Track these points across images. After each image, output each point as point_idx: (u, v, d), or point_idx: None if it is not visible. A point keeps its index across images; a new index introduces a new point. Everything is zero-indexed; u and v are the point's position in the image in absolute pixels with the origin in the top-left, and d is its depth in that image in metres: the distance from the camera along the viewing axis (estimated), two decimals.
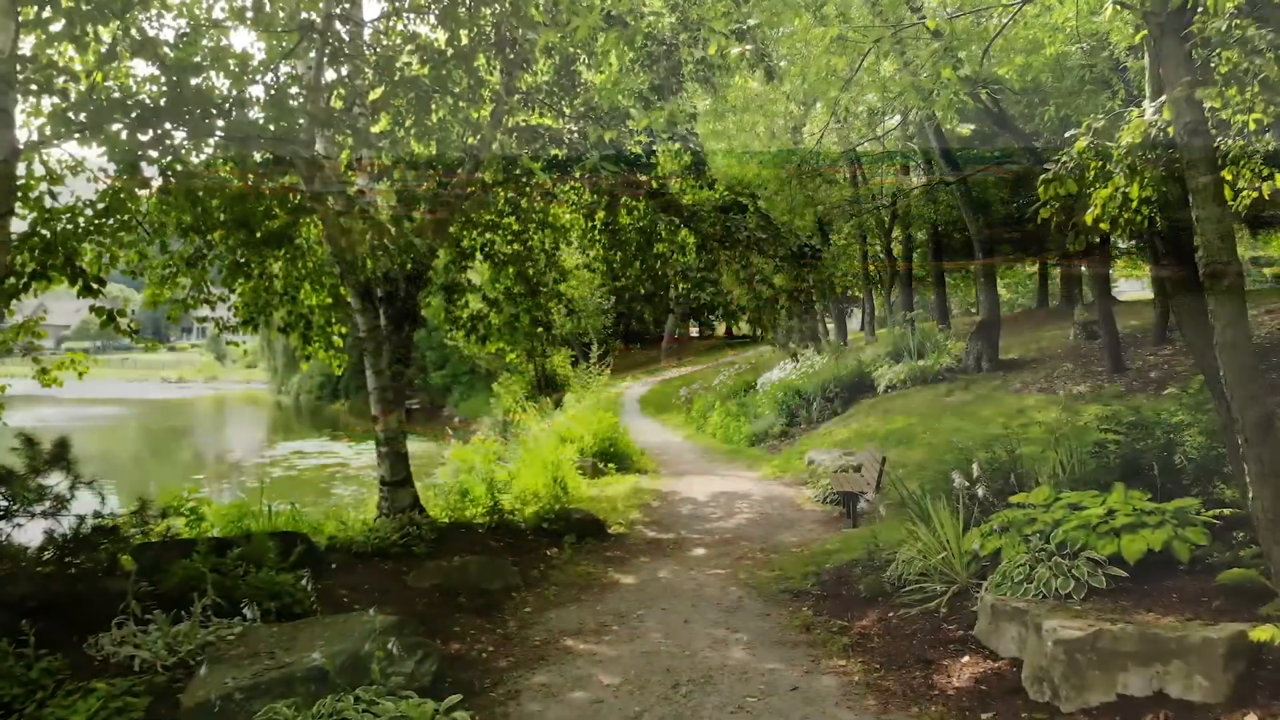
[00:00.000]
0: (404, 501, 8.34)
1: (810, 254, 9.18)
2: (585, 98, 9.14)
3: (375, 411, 8.31)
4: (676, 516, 10.13)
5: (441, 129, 9.20)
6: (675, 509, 10.62)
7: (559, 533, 8.60)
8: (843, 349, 20.39)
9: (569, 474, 11.61)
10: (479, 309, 10.95)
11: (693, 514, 10.28)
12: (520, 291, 11.02)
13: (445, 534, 8.01)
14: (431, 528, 7.92)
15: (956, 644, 5.19)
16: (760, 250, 9.09)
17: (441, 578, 6.76)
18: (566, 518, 8.76)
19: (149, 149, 5.96)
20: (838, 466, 11.42)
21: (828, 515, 10.06)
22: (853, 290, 25.39)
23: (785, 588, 6.87)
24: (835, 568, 7.28)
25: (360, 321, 8.21)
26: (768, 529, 9.33)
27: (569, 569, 7.60)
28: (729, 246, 9.11)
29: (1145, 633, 4.24)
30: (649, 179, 9.12)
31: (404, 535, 7.74)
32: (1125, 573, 5.14)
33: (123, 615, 5.22)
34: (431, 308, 11.33)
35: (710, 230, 8.85)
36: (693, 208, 9.00)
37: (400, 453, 8.35)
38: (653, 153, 8.75)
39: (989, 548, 5.89)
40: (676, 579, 7.30)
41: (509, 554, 7.86)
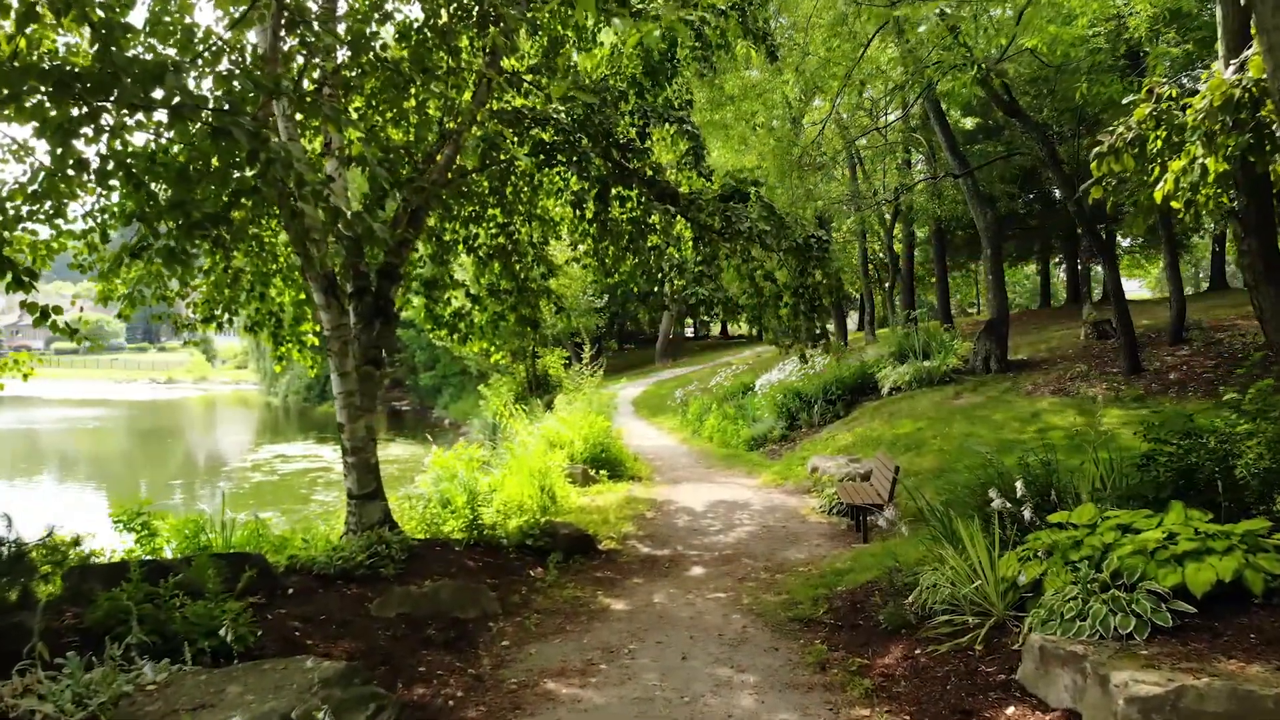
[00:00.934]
0: (373, 517, 7.60)
1: (817, 246, 8.47)
2: (573, 79, 8.42)
3: (341, 418, 7.57)
4: (672, 529, 9.41)
5: (419, 112, 8.48)
6: (671, 520, 9.90)
7: (544, 550, 7.87)
8: (843, 349, 19.70)
9: (557, 483, 10.88)
10: (462, 306, 10.22)
11: (690, 526, 9.56)
12: (506, 287, 10.31)
13: (418, 553, 7.27)
14: (403, 546, 7.18)
15: (998, 690, 4.48)
16: (762, 243, 8.37)
17: (409, 605, 6.03)
18: (553, 533, 8.03)
19: (83, 125, 5.23)
20: (844, 475, 10.72)
21: (835, 528, 9.36)
22: (852, 289, 24.69)
23: (794, 615, 6.15)
24: (849, 591, 6.57)
25: (324, 318, 7.47)
26: (771, 544, 8.62)
27: (554, 593, 6.87)
28: (729, 239, 8.39)
29: (1237, 689, 3.53)
30: (642, 165, 8.39)
31: (371, 555, 7.00)
32: (1193, 608, 4.44)
33: (28, 659, 4.48)
34: (415, 306, 10.57)
35: (708, 220, 8.14)
36: (690, 196, 8.28)
37: (369, 463, 7.61)
38: (647, 135, 8.01)
39: (1030, 575, 5.18)
40: (673, 604, 6.58)
41: (487, 575, 7.12)
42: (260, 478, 21.12)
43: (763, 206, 8.27)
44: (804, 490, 11.63)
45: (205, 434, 33.64)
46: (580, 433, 13.07)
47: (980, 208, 16.01)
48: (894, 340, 17.22)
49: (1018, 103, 13.78)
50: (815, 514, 10.07)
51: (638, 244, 8.48)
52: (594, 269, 11.03)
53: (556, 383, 24.78)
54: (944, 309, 21.60)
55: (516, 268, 10.28)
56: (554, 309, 10.77)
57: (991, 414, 12.60)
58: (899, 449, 12.02)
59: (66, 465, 25.88)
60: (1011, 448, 10.56)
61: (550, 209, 10.83)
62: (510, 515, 9.59)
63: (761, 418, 16.45)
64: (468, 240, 10.20)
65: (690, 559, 8.07)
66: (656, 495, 11.59)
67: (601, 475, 12.37)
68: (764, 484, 12.43)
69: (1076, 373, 14.19)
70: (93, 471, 24.77)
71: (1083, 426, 10.95)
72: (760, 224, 7.95)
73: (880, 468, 9.29)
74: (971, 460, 10.51)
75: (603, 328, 32.70)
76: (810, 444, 14.46)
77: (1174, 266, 15.02)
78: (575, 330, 23.66)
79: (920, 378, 15.37)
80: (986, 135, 20.34)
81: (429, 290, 9.85)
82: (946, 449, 11.28)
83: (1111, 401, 12.16)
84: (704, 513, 10.34)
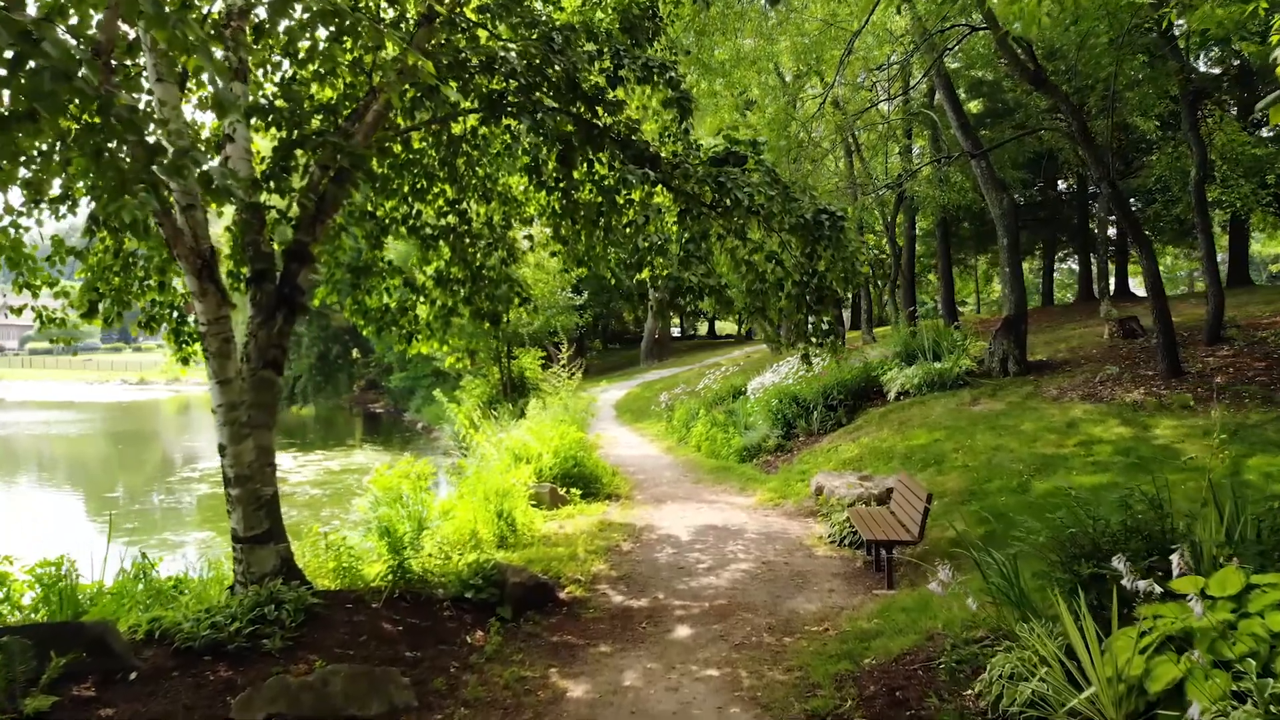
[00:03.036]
0: (265, 566, 5.91)
1: (829, 224, 6.85)
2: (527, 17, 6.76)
3: (222, 437, 5.88)
4: (653, 567, 7.76)
5: (354, 68, 6.85)
6: (651, 554, 8.26)
7: (489, 603, 6.21)
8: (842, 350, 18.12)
9: (519, 507, 9.22)
10: (405, 298, 8.55)
11: (674, 563, 7.92)
12: (458, 276, 8.65)
13: (320, 614, 5.60)
14: (299, 606, 5.51)
15: None
16: (764, 219, 6.76)
17: (285, 702, 4.37)
18: (501, 581, 6.36)
19: None
20: (855, 497, 9.11)
21: (848, 564, 7.76)
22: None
23: (814, 710, 4.53)
24: (882, 668, 4.96)
25: (199, 309, 5.78)
26: (774, 588, 7.00)
27: (493, 671, 5.21)
28: (722, 213, 6.76)
29: None
30: (615, 122, 6.75)
31: (255, 620, 5.33)
32: None
33: None
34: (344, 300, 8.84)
35: (696, 190, 6.50)
36: (675, 160, 6.64)
37: (259, 496, 5.91)
38: (619, 81, 6.36)
39: (1163, 679, 3.57)
40: (650, 688, 4.94)
41: (409, 644, 5.45)
42: (206, 489, 19.29)
43: (764, 173, 6.63)
44: (807, 513, 10.02)
45: (160, 440, 31.66)
46: (550, 445, 11.41)
47: (996, 193, 14.48)
48: (899, 339, 15.66)
49: (1043, 70, 12.22)
50: (823, 545, 8.46)
51: (610, 219, 6.82)
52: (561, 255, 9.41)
53: (534, 385, 23.12)
54: (948, 306, 20.10)
55: (470, 252, 8.63)
56: (517, 301, 9.10)
57: (1018, 423, 11.04)
58: (915, 464, 10.44)
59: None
60: (1052, 465, 9.00)
61: (514, 187, 9.20)
62: (455, 552, 7.93)
63: (754, 425, 14.84)
64: (408, 219, 8.53)
65: (674, 612, 6.43)
66: (636, 519, 9.95)
67: (573, 495, 10.72)
68: (759, 504, 10.81)
69: (1107, 375, 12.68)
70: (20, 481, 22.84)
71: (1132, 440, 9.41)
72: (761, 193, 6.32)
73: (904, 492, 7.69)
74: (1005, 480, 8.95)
75: (583, 326, 31.00)
76: (810, 455, 12.87)
77: (1211, 257, 13.54)
78: (553, 330, 21.99)
79: (931, 381, 13.81)
80: (994, 119, 18.87)
81: (356, 277, 8.17)
82: (972, 465, 9.71)
83: (1156, 409, 10.64)
84: (691, 543, 8.71)
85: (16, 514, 17.43)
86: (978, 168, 14.63)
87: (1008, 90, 18.92)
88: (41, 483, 23.01)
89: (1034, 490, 8.25)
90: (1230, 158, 14.67)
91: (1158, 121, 16.23)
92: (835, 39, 13.74)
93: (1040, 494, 8.07)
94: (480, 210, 9.10)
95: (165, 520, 16.52)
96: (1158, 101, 15.36)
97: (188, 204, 5.81)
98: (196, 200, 5.85)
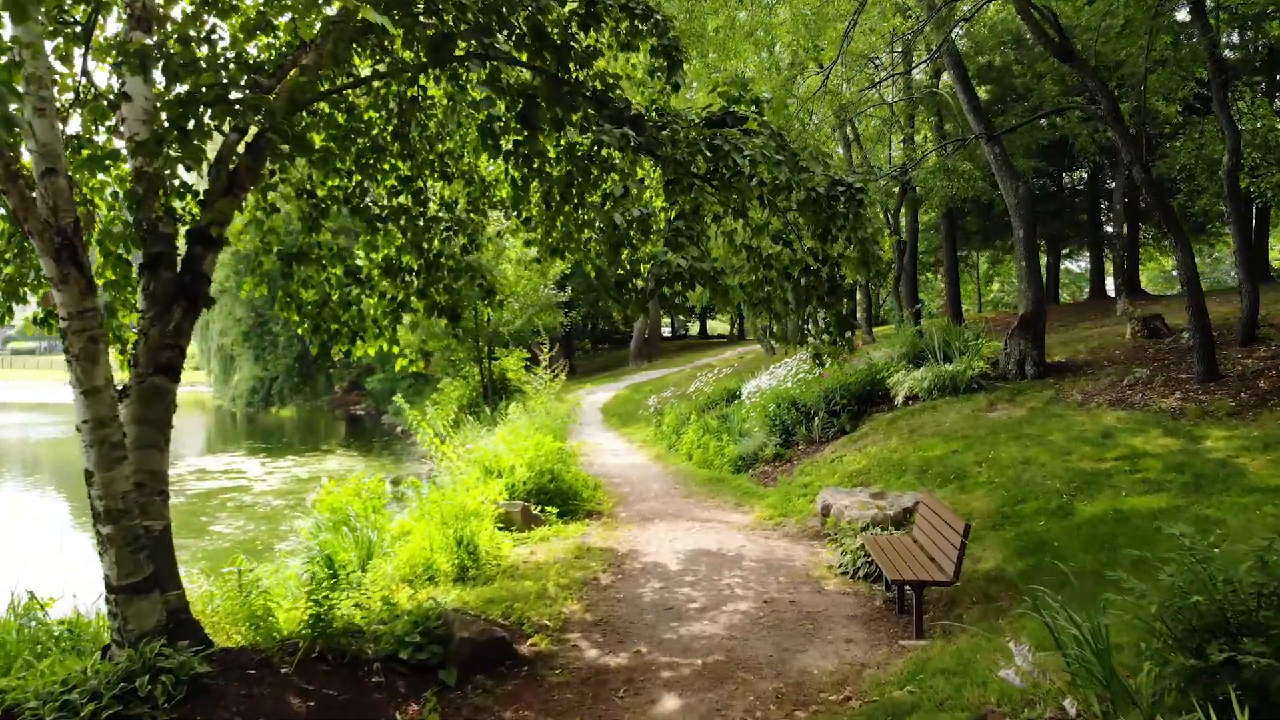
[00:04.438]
0: (146, 622, 4.70)
1: (846, 199, 5.70)
2: None
3: (88, 461, 4.65)
4: (635, 608, 6.58)
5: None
6: (634, 589, 7.08)
7: (429, 665, 5.02)
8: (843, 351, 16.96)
9: (483, 531, 8.03)
10: (348, 289, 7.36)
11: (660, 600, 6.75)
12: (410, 265, 7.46)
13: (210, 685, 4.40)
14: (184, 674, 4.31)
15: None
16: (770, 193, 5.60)
17: None
18: (446, 636, 5.16)
19: None
20: (869, 519, 7.96)
21: (865, 602, 6.60)
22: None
23: None
24: None
25: (58, 299, 4.56)
26: (780, 637, 5.84)
27: None
28: (719, 186, 5.60)
29: None
30: (588, 75, 5.58)
31: (123, 695, 4.15)
32: None
33: None
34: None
35: (686, 157, 5.33)
36: (661, 121, 5.47)
37: (138, 535, 4.70)
38: (595, 22, 5.19)
39: None
40: None
41: None
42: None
43: (771, 135, 5.46)
44: (812, 534, 8.87)
45: None
46: (524, 456, 10.21)
47: (1010, 180, 13.37)
48: (905, 339, 14.54)
49: (1070, 43, 11.10)
50: (833, 577, 7.31)
51: (583, 192, 5.64)
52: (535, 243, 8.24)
53: (516, 387, 21.91)
54: (953, 304, 19.02)
55: (427, 235, 7.45)
56: (480, 295, 7.90)
57: (1045, 432, 9.92)
58: (932, 480, 9.31)
59: None
60: (1094, 483, 7.86)
61: (481, 166, 8.02)
62: (404, 588, 6.74)
63: (750, 432, 13.69)
64: (351, 198, 7.34)
65: (659, 672, 5.25)
66: (619, 542, 8.77)
67: (549, 514, 9.53)
68: (758, 523, 9.66)
69: (1136, 378, 11.58)
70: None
71: (1181, 453, 8.29)
72: (768, 151, 5.15)
73: (930, 517, 6.54)
74: (1041, 500, 7.80)
75: (568, 325, 29.79)
76: (811, 466, 11.73)
77: (1245, 250, 12.44)
78: (535, 329, 20.79)
79: (942, 384, 12.69)
80: (1003, 106, 17.79)
81: (287, 264, 6.97)
82: (999, 482, 8.58)
83: (1200, 417, 9.54)
84: (681, 574, 7.54)
85: None
86: (991, 153, 13.52)
87: (1017, 76, 17.87)
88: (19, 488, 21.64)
89: (1079, 514, 7.12)
90: (1260, 144, 13.61)
91: (1180, 106, 15.16)
92: (840, 14, 12.60)
93: (1087, 519, 6.94)
94: (440, 190, 7.94)
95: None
96: (1182, 84, 14.29)
97: (47, 168, 4.60)
98: (59, 164, 4.64)
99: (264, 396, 38.49)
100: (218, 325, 41.15)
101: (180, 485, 19.58)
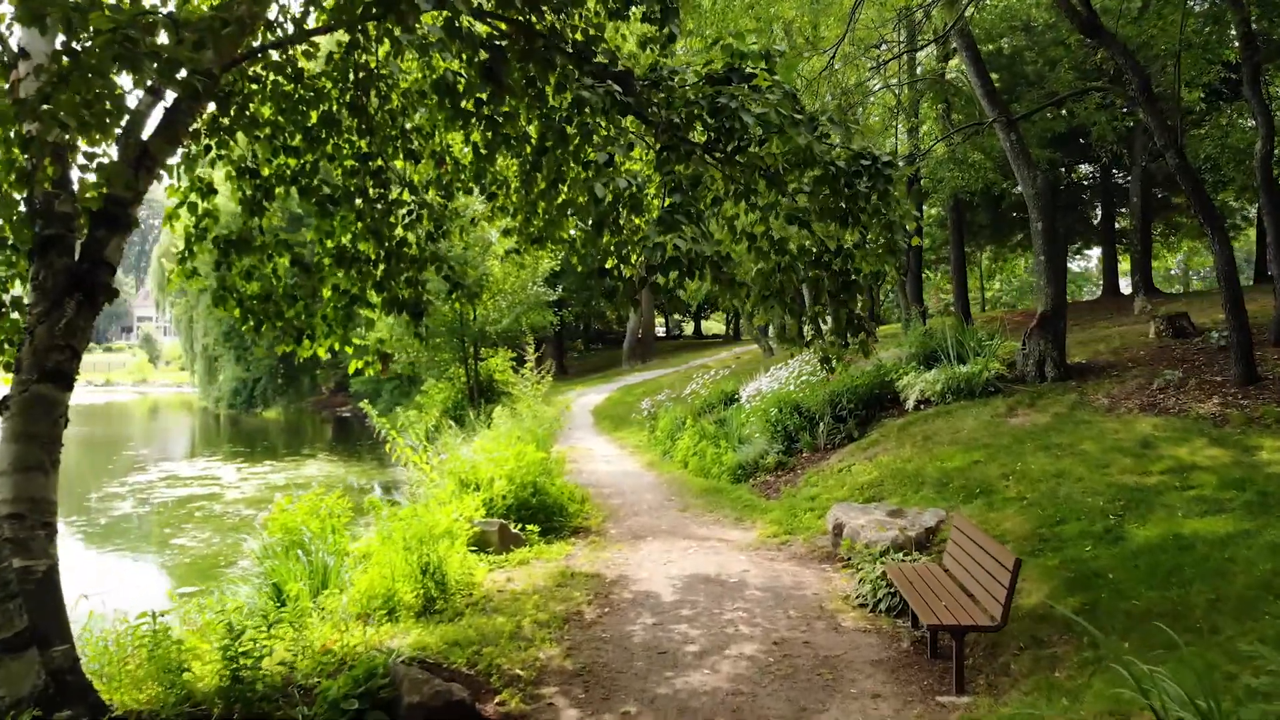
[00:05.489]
0: (20, 686, 3.79)
1: (873, 173, 4.80)
2: None
3: None
4: (624, 653, 5.67)
5: None
6: (623, 626, 6.17)
7: None
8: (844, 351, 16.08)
9: (454, 555, 7.11)
10: (293, 280, 6.44)
11: (652, 642, 5.84)
12: (367, 253, 6.55)
13: None
14: None
15: None
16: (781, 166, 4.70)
17: None
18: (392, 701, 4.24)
19: None
20: (889, 542, 7.07)
21: (890, 642, 5.71)
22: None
23: None
24: None
25: None
26: (794, 691, 4.94)
27: None
28: (724, 160, 4.69)
29: None
30: (563, 24, 4.67)
31: None
32: None
33: None
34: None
35: (682, 118, 4.43)
36: (653, 77, 4.57)
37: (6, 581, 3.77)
38: None
39: None
40: None
41: None
42: (127, 508, 17.03)
43: (783, 94, 4.55)
44: (822, 556, 7.99)
45: (100, 447, 29.17)
46: (504, 468, 9.29)
47: (1028, 170, 12.51)
48: (914, 339, 13.66)
49: (1098, 16, 10.22)
50: (850, 609, 6.41)
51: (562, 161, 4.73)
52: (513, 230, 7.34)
53: (504, 389, 20.99)
54: (962, 301, 18.18)
55: (387, 220, 6.54)
56: (448, 289, 6.98)
57: (1075, 441, 9.05)
58: (954, 494, 8.43)
59: None
60: (1143, 501, 6.96)
61: (455, 148, 7.11)
62: (359, 623, 5.82)
63: (750, 438, 12.80)
64: (299, 176, 6.42)
65: None
66: (607, 566, 7.87)
67: (530, 533, 8.61)
68: (761, 541, 8.76)
69: (1166, 381, 10.71)
70: None
71: (1235, 466, 7.41)
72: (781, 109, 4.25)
73: (964, 543, 5.66)
74: (1085, 521, 6.90)
75: (557, 325, 28.84)
76: (817, 476, 10.85)
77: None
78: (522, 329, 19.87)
79: (956, 387, 11.82)
80: (1013, 95, 16.91)
81: (226, 254, 6.05)
82: (1032, 498, 7.69)
83: (1246, 425, 8.68)
84: (676, 606, 6.63)
85: None
86: (1007, 140, 12.66)
87: (1028, 63, 17.02)
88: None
89: (1131, 539, 6.23)
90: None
91: (1203, 92, 14.32)
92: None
93: (1143, 545, 6.05)
94: (406, 170, 7.03)
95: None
96: (1208, 68, 13.44)
97: None
98: None
99: (247, 398, 37.48)
100: (200, 324, 40.09)
101: (149, 492, 18.61)
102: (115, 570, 12.36)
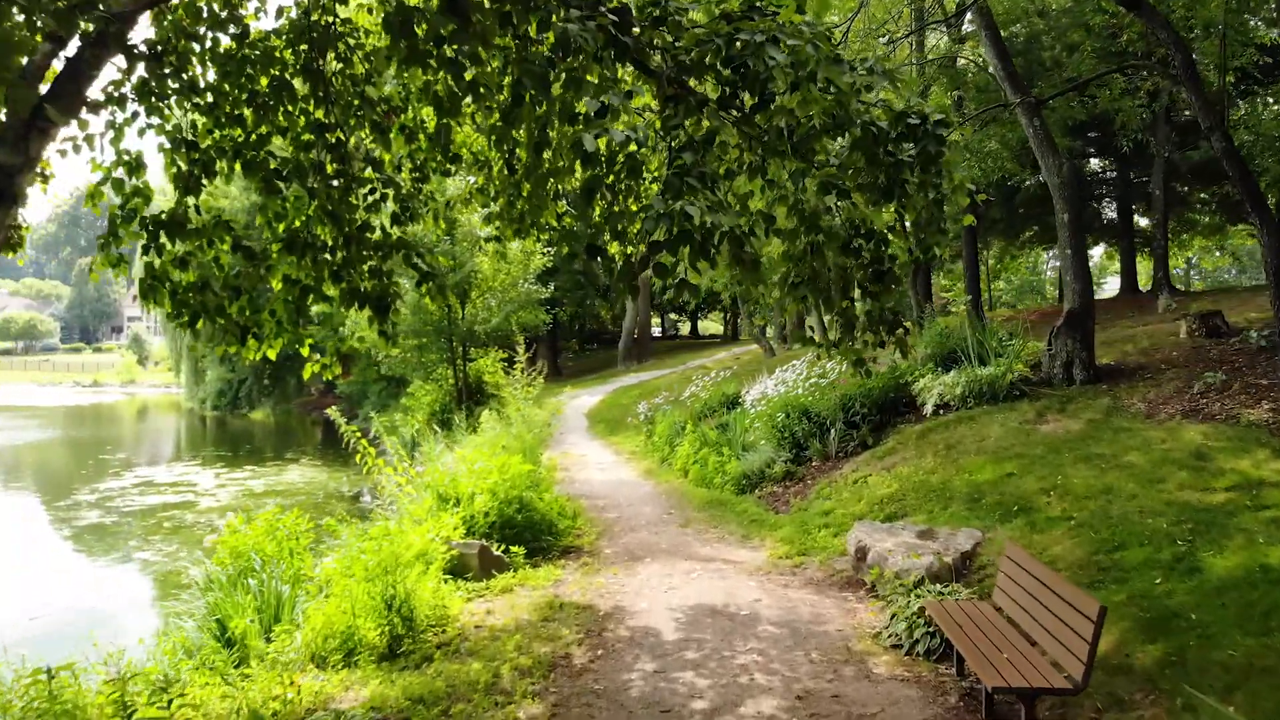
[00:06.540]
0: None
1: (925, 130, 3.94)
2: None
3: None
4: (619, 710, 4.78)
5: None
6: (618, 676, 5.27)
7: None
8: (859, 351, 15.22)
9: (424, 585, 6.22)
10: (234, 269, 5.55)
11: (653, 696, 4.95)
12: (324, 239, 5.67)
13: None
14: None
15: None
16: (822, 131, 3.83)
17: None
18: None
19: None
20: (923, 570, 6.19)
21: (933, 695, 4.82)
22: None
23: None
24: None
25: None
26: None
27: None
28: (745, 116, 3.82)
29: None
30: None
31: None
32: None
33: None
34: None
35: (692, 61, 3.57)
36: (657, 13, 3.70)
37: None
38: None
39: None
40: None
41: None
42: (95, 517, 16.08)
43: (812, 35, 3.67)
44: (841, 582, 7.11)
45: (79, 451, 28.17)
46: (487, 481, 8.39)
47: (1052, 157, 11.67)
48: (930, 339, 12.81)
49: None
50: (882, 650, 5.53)
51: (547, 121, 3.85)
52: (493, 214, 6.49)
53: (493, 391, 20.09)
54: (976, 299, 17.35)
55: (347, 200, 5.67)
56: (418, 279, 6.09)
57: (1118, 451, 8.19)
58: (989, 512, 7.56)
59: None
60: (1213, 524, 6.06)
61: (426, 118, 6.23)
62: (313, 667, 4.93)
63: (755, 445, 11.93)
64: (242, 150, 5.53)
65: None
66: (600, 595, 6.97)
67: (515, 555, 7.72)
68: (773, 563, 7.88)
69: (1208, 385, 9.86)
70: None
71: None
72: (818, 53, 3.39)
73: (1022, 577, 4.79)
74: (1149, 547, 6.01)
75: (549, 324, 27.93)
76: (829, 488, 9.98)
77: None
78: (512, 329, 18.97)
79: (978, 391, 10.96)
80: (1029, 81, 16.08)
81: (154, 236, 5.16)
82: (1080, 518, 6.82)
83: None
84: (680, 646, 5.74)
85: None
86: (1030, 126, 11.82)
87: (1045, 48, 16.20)
88: None
89: (1209, 570, 5.36)
90: None
91: (1234, 77, 13.50)
92: None
93: (1225, 579, 5.18)
94: (372, 147, 6.18)
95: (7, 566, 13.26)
96: (1242, 50, 12.62)
97: None
98: None
99: (232, 399, 36.51)
100: None
101: (119, 501, 17.65)
102: (69, 588, 11.45)
